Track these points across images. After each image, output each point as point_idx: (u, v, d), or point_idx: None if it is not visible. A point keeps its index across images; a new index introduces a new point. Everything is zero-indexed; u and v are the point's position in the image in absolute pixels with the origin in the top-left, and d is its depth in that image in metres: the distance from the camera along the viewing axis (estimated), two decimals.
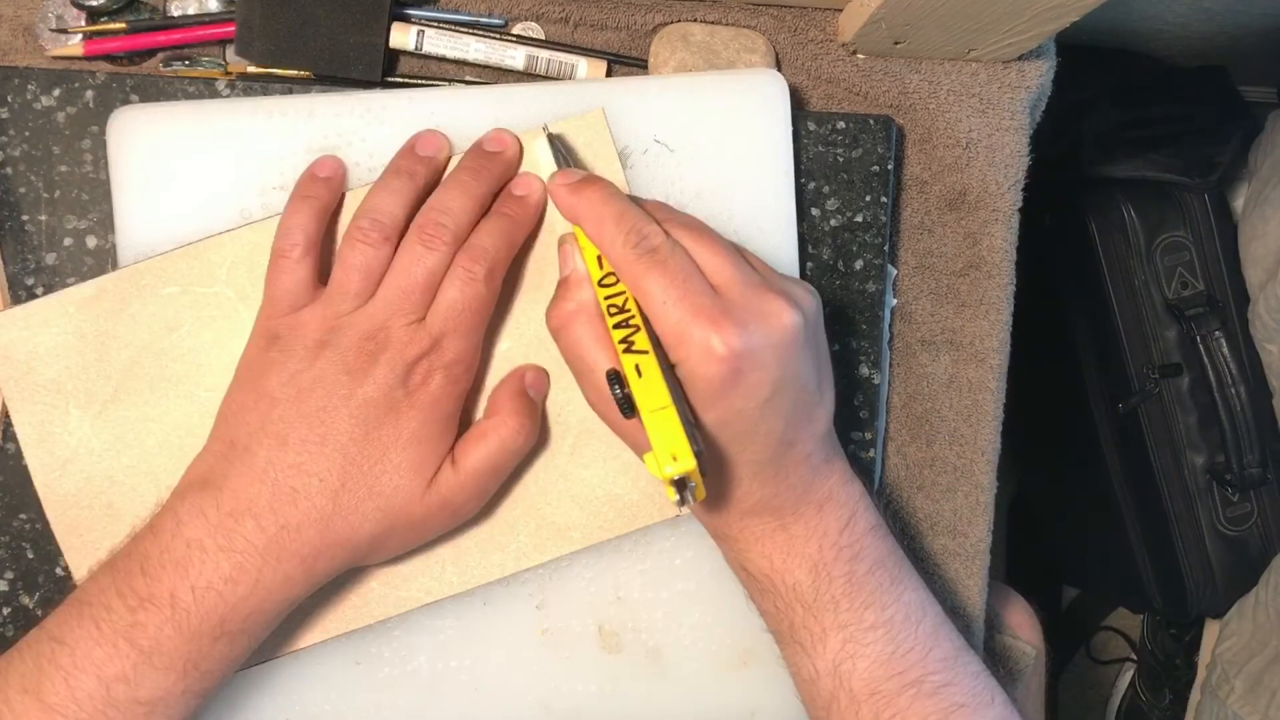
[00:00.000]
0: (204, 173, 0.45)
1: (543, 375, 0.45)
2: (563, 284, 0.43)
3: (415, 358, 0.41)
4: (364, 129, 0.45)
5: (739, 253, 0.41)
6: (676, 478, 0.36)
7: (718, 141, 0.47)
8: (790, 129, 0.47)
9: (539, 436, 0.45)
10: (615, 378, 0.38)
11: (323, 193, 0.43)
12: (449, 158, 0.44)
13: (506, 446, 0.43)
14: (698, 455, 0.36)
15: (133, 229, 0.45)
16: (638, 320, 0.39)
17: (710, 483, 0.41)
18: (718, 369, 0.37)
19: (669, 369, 0.39)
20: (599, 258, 0.41)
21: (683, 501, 0.36)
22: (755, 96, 0.47)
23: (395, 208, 0.42)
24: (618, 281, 0.40)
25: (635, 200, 0.42)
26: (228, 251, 0.44)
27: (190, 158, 0.45)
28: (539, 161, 0.45)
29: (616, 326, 0.39)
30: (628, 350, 0.38)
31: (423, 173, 0.43)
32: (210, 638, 0.38)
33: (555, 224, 0.45)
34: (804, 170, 0.50)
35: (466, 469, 0.42)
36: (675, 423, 0.36)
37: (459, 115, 0.45)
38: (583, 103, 0.46)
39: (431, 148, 0.44)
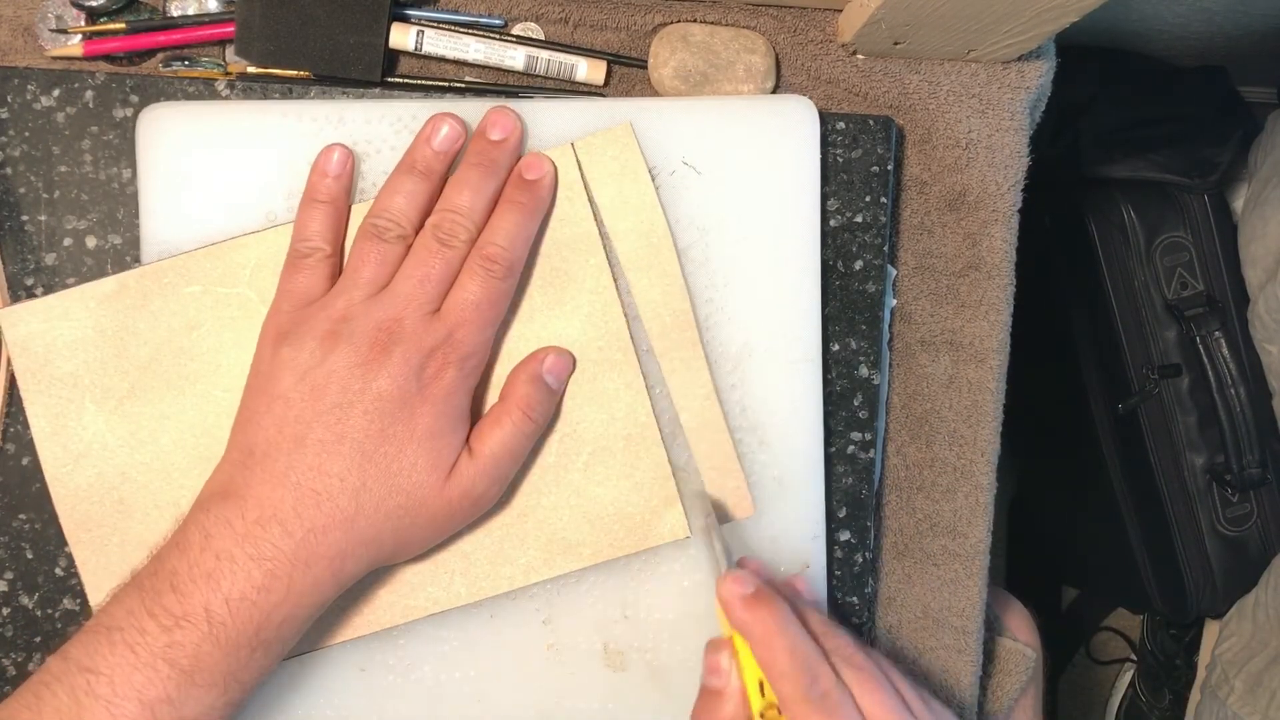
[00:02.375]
0: (231, 174, 0.45)
1: (564, 358, 0.45)
2: (711, 694, 0.40)
3: (430, 349, 0.40)
4: (394, 137, 0.45)
5: (902, 697, 0.39)
6: None
7: (746, 166, 0.47)
8: (819, 156, 0.47)
9: (557, 453, 0.45)
10: None
11: (336, 194, 0.43)
12: (464, 143, 0.44)
13: (521, 430, 0.43)
14: None
15: (157, 227, 0.45)
16: None
17: None
18: None
19: None
20: (760, 683, 0.39)
21: None
22: (786, 122, 0.47)
23: (410, 209, 0.42)
24: (780, 716, 0.38)
25: (806, 611, 0.41)
26: (251, 253, 0.44)
27: (218, 158, 0.45)
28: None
29: None
30: None
31: (439, 169, 0.43)
32: (248, 649, 0.38)
33: (569, 218, 0.45)
34: None
35: (483, 455, 0.42)
36: None
37: None
38: (612, 118, 0.46)
39: (449, 142, 0.43)
